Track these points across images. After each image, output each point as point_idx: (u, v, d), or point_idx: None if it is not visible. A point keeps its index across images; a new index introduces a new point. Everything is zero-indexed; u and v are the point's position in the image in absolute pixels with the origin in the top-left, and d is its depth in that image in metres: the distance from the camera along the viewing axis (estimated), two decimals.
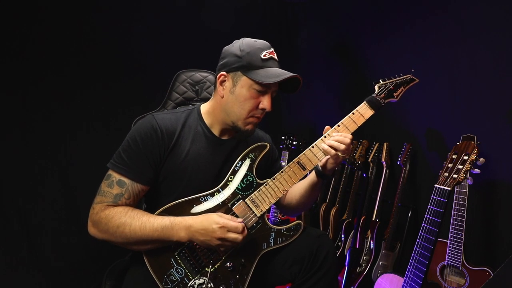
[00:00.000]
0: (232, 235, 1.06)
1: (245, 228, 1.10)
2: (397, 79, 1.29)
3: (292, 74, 1.16)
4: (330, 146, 1.18)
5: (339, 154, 1.18)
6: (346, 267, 2.02)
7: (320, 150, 1.20)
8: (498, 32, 1.79)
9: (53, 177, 2.04)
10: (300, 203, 1.40)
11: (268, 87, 1.17)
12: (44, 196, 2.01)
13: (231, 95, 1.18)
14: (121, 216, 1.10)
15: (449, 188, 1.37)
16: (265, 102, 1.18)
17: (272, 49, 1.21)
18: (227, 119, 1.22)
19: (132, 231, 1.08)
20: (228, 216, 1.12)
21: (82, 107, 2.09)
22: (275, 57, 1.21)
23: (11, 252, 1.91)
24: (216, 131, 1.27)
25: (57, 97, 2.01)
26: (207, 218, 1.09)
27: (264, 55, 1.17)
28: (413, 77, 1.30)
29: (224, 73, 1.19)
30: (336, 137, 1.19)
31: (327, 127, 1.23)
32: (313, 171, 1.31)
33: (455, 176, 1.38)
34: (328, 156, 1.21)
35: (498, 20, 1.79)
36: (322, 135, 1.22)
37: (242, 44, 1.19)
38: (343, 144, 1.17)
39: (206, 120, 1.26)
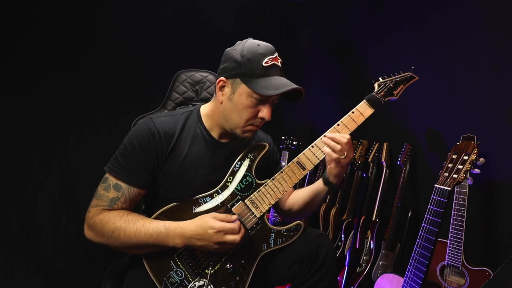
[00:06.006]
0: (230, 238, 1.05)
1: (241, 227, 1.09)
2: (396, 77, 1.28)
3: (293, 86, 1.09)
4: (327, 145, 1.16)
5: (338, 156, 1.15)
6: (346, 267, 2.02)
7: (320, 150, 1.20)
8: (498, 32, 1.79)
9: (53, 178, 2.04)
10: (302, 210, 1.37)
11: (267, 97, 1.12)
12: (44, 196, 2.01)
13: (229, 102, 1.14)
14: (116, 221, 1.08)
15: (449, 188, 1.37)
16: (265, 112, 1.14)
17: (276, 54, 1.15)
18: (226, 125, 1.19)
19: (127, 236, 1.07)
20: (222, 215, 1.08)
21: (82, 107, 2.09)
22: (278, 63, 1.14)
23: (11, 253, 1.91)
24: (215, 134, 1.24)
25: (57, 97, 2.01)
26: (202, 224, 1.06)
27: (266, 62, 1.11)
28: (413, 75, 1.29)
29: (223, 78, 1.15)
30: (331, 135, 1.16)
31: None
32: (321, 179, 1.29)
33: (455, 176, 1.38)
34: (331, 162, 1.19)
35: (498, 21, 1.79)
36: (322, 135, 1.21)
37: (243, 49, 1.12)
38: (339, 144, 1.15)
39: (206, 122, 1.23)
